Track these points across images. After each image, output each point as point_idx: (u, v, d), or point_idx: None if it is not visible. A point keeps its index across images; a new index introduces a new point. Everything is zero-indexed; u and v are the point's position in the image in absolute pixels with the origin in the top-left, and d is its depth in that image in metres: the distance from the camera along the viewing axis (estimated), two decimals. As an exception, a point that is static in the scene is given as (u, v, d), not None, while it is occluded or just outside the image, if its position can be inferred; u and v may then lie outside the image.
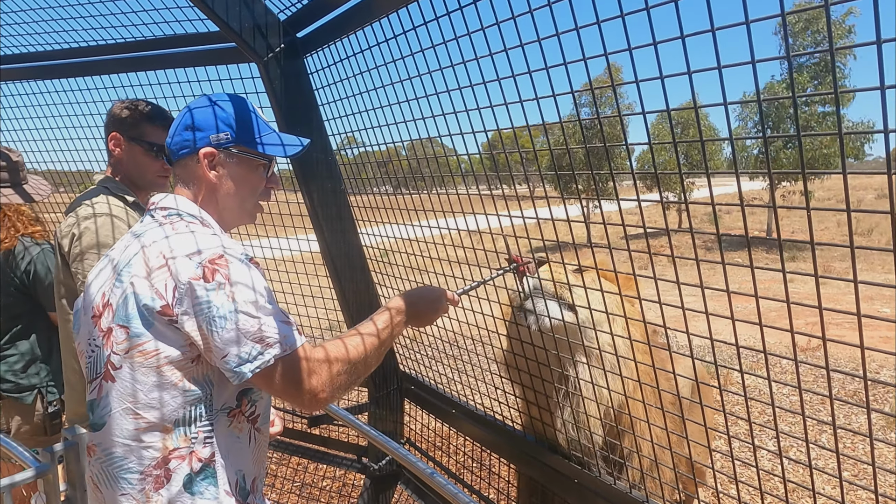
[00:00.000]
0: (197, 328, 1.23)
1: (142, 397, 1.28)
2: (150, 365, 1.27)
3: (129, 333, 1.28)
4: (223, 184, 1.42)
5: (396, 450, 2.33)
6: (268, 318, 1.25)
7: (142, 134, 2.14)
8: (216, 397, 1.32)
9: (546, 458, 2.09)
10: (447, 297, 1.60)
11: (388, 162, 2.49)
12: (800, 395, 1.21)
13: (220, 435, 1.33)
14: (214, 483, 1.31)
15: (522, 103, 1.50)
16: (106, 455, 1.32)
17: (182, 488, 1.28)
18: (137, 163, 2.17)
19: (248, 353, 1.22)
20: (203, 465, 1.30)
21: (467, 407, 2.54)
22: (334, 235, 2.59)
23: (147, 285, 1.27)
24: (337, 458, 3.39)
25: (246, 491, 1.38)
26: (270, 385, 1.26)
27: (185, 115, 1.43)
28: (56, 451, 1.85)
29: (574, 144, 12.19)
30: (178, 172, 1.44)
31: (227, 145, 1.41)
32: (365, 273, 2.75)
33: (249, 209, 1.49)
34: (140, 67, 2.81)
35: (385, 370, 2.96)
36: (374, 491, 3.03)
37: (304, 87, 2.39)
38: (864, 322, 1.06)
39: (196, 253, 1.26)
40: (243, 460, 1.38)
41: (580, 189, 4.92)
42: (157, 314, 1.25)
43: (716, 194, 12.45)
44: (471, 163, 1.99)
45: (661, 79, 1.15)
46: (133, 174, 2.19)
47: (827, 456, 4.28)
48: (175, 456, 1.29)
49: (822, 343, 1.16)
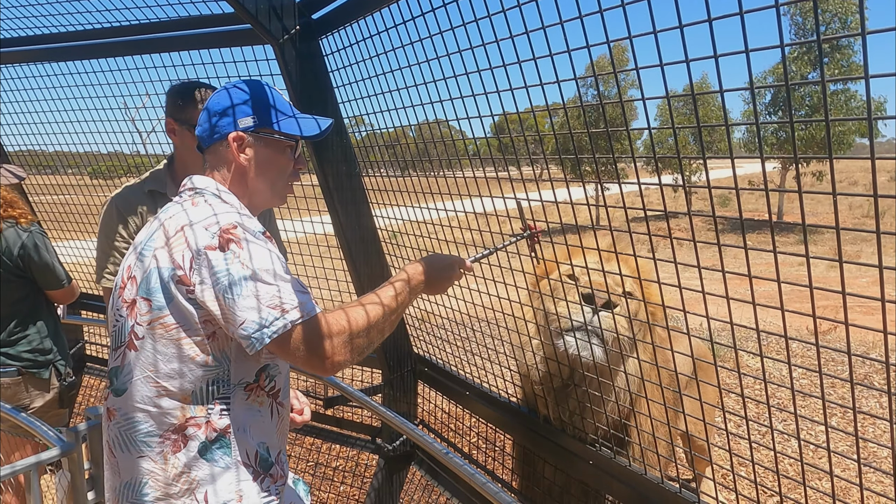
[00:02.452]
0: (214, 297, 1.26)
1: (162, 367, 1.32)
2: (171, 338, 1.31)
3: (151, 306, 1.32)
4: (253, 167, 1.45)
5: (412, 430, 2.35)
6: (284, 285, 1.28)
7: (192, 118, 2.10)
8: (234, 372, 1.35)
9: (557, 439, 2.11)
10: (461, 265, 1.62)
11: (396, 144, 2.48)
12: (820, 380, 1.21)
13: (238, 408, 1.36)
14: (229, 453, 1.35)
15: (528, 89, 1.49)
16: (125, 419, 1.37)
17: (198, 454, 1.33)
18: (190, 148, 2.11)
19: (266, 319, 1.24)
20: (218, 435, 1.34)
21: (481, 389, 2.55)
22: (349, 218, 2.59)
23: (166, 257, 1.30)
24: (351, 438, 3.43)
25: (269, 462, 1.42)
26: (287, 351, 1.28)
27: (212, 102, 1.45)
28: (80, 431, 1.89)
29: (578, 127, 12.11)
30: (208, 158, 1.47)
31: (255, 128, 1.43)
32: (380, 256, 2.76)
33: (279, 191, 1.51)
34: (152, 50, 2.80)
35: (399, 352, 2.98)
36: (387, 471, 3.06)
37: (319, 69, 2.37)
38: (871, 306, 1.05)
39: (211, 223, 1.29)
40: (266, 433, 1.42)
41: (587, 171, 4.89)
42: (177, 284, 1.29)
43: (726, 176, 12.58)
44: (477, 146, 1.99)
45: (687, 62, 1.13)
46: (188, 160, 2.18)
47: (837, 439, 4.30)
48: (192, 424, 1.33)
49: (832, 328, 1.16)
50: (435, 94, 1.87)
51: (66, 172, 4.56)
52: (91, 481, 1.95)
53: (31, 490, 1.88)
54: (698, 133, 1.19)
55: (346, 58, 2.25)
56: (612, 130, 1.42)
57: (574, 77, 1.37)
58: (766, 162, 1.13)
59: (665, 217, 1.48)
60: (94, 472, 1.95)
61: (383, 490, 3.05)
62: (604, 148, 14.29)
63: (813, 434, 4.41)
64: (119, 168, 4.71)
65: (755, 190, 1.21)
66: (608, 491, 1.99)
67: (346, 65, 2.27)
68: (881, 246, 1.02)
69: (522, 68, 1.47)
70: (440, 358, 2.89)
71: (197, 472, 1.33)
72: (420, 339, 2.95)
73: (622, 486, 1.87)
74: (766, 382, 1.33)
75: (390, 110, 2.14)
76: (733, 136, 19.02)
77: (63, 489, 1.96)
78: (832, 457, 1.27)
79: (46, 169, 4.46)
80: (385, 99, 2.14)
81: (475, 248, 2.12)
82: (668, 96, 1.18)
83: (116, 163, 4.63)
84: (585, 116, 1.49)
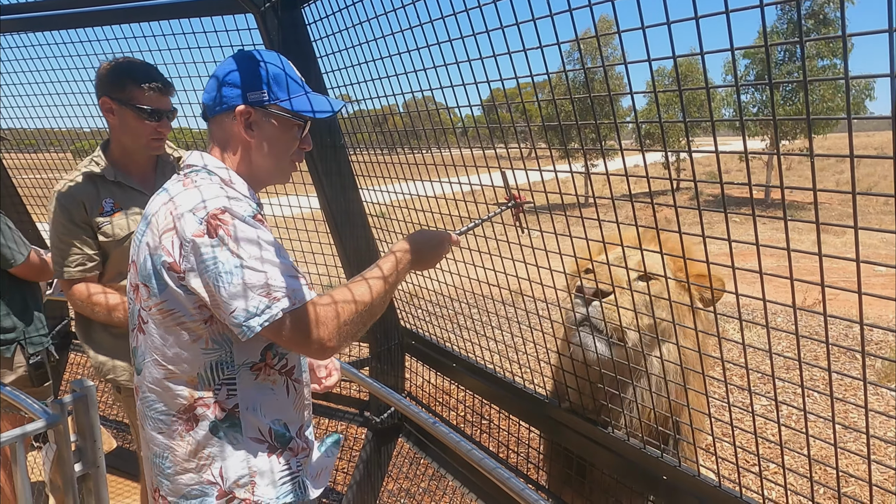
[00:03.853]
0: (203, 285, 1.26)
1: (166, 351, 1.34)
2: (170, 323, 1.33)
3: (150, 292, 1.33)
4: (257, 143, 1.41)
5: (399, 401, 2.37)
6: (274, 270, 1.26)
7: (132, 97, 2.07)
8: (237, 354, 1.36)
9: (548, 411, 2.13)
10: (448, 239, 1.61)
11: (384, 119, 2.46)
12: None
13: (246, 388, 1.37)
14: (239, 431, 1.37)
15: (511, 55, 1.48)
16: (144, 397, 1.41)
17: (209, 432, 1.36)
18: (129, 128, 2.11)
19: (256, 308, 1.24)
20: (227, 415, 1.36)
21: (468, 361, 2.57)
22: (334, 191, 2.58)
23: (159, 244, 1.30)
24: (339, 412, 3.45)
25: (287, 437, 1.43)
26: (280, 338, 1.28)
27: (222, 70, 1.40)
28: (66, 403, 1.89)
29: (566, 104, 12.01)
30: (212, 129, 1.44)
31: (264, 103, 1.38)
32: (366, 229, 2.75)
33: (284, 168, 1.48)
34: (132, 19, 2.73)
35: (386, 325, 2.99)
36: (375, 444, 3.09)
37: (301, 38, 2.34)
38: (854, 280, 1.06)
39: (199, 208, 1.27)
40: (282, 410, 1.43)
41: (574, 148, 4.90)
42: (168, 271, 1.29)
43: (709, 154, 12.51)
44: (463, 121, 1.97)
45: (668, 24, 1.13)
46: (125, 142, 2.16)
47: (819, 410, 4.38)
48: (200, 404, 1.35)
49: (816, 302, 1.17)
50: (419, 64, 1.85)
51: (47, 150, 4.49)
52: (78, 453, 1.96)
53: (17, 462, 1.89)
54: (679, 96, 1.18)
55: (329, 26, 2.22)
56: (594, 96, 1.41)
57: (556, 41, 1.36)
58: (752, 139, 1.12)
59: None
60: (80, 444, 1.95)
61: (372, 462, 3.08)
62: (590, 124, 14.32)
63: (797, 400, 4.49)
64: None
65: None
66: (596, 460, 2.01)
67: (330, 34, 2.24)
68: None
69: (505, 34, 1.46)
70: (427, 331, 2.90)
71: (210, 448, 1.36)
72: (407, 312, 2.96)
73: (611, 455, 1.89)
74: (772, 355, 1.35)
75: (373, 80, 2.12)
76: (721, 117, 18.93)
77: (50, 461, 1.96)
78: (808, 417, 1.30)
79: (28, 148, 4.40)
80: (369, 68, 2.12)
81: (461, 221, 2.12)
82: (650, 59, 1.18)
83: (100, 140, 4.57)
84: (570, 88, 1.48)
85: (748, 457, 3.37)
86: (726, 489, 1.54)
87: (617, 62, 1.32)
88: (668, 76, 22.54)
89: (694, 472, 1.63)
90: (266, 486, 1.39)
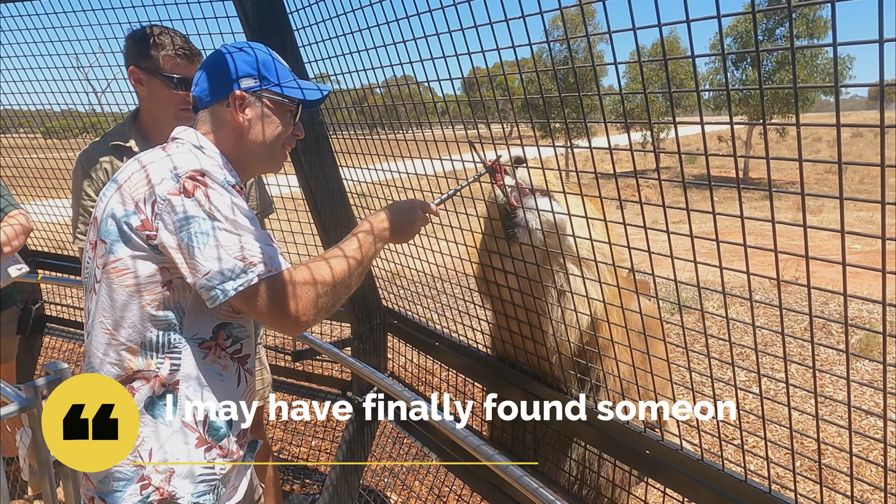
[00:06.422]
0: (177, 245, 1.22)
1: (113, 314, 1.29)
2: (122, 283, 1.27)
3: (106, 248, 1.28)
4: (251, 128, 1.41)
5: (382, 380, 2.36)
6: (249, 236, 1.24)
7: (160, 66, 2.03)
8: (187, 326, 1.31)
9: (526, 385, 2.13)
10: (425, 208, 1.58)
11: (363, 98, 2.41)
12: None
13: (192, 365, 1.32)
14: (174, 411, 1.31)
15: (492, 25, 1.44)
16: (88, 362, 1.36)
17: (143, 408, 1.30)
18: (159, 98, 2.07)
19: (231, 271, 1.21)
20: (166, 391, 1.30)
21: (450, 339, 2.56)
22: (313, 168, 2.53)
23: (128, 199, 1.26)
24: (321, 392, 3.43)
25: (221, 434, 1.37)
26: (253, 307, 1.24)
27: (210, 62, 1.42)
28: (39, 386, 1.85)
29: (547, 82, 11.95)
30: (204, 118, 1.43)
31: (256, 90, 1.40)
32: (346, 207, 2.71)
33: (276, 155, 1.48)
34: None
35: (368, 305, 2.96)
36: (358, 424, 3.08)
37: (277, 10, 2.28)
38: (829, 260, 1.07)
39: (177, 167, 1.25)
40: (228, 400, 1.37)
41: (556, 128, 4.88)
42: (136, 230, 1.25)
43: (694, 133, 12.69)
44: (446, 103, 1.94)
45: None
46: (156, 112, 2.12)
47: (799, 383, 4.45)
48: (139, 377, 1.30)
49: (795, 278, 1.17)
50: (399, 36, 1.80)
51: (17, 132, 4.36)
52: (53, 437, 1.92)
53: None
54: (665, 66, 1.16)
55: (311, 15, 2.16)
56: (578, 67, 1.39)
57: (540, 10, 1.32)
58: (735, 117, 1.11)
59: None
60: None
61: (355, 442, 3.07)
62: (572, 103, 14.26)
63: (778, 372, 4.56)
64: (74, 129, 4.53)
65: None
66: (579, 435, 2.02)
67: (306, 5, 2.17)
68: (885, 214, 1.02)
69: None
70: (409, 310, 2.88)
71: (142, 427, 1.30)
72: (389, 291, 2.94)
73: (592, 430, 1.89)
74: (730, 334, 1.35)
75: (351, 54, 2.06)
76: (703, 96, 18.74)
77: (25, 446, 1.92)
78: (790, 390, 1.30)
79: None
80: (347, 41, 2.06)
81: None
82: (634, 28, 1.15)
83: (71, 122, 4.45)
84: (554, 66, 1.45)
85: (728, 430, 3.43)
86: (709, 462, 1.55)
87: (601, 32, 1.29)
88: (649, 55, 22.54)
89: (677, 446, 1.64)
90: (183, 480, 1.32)
